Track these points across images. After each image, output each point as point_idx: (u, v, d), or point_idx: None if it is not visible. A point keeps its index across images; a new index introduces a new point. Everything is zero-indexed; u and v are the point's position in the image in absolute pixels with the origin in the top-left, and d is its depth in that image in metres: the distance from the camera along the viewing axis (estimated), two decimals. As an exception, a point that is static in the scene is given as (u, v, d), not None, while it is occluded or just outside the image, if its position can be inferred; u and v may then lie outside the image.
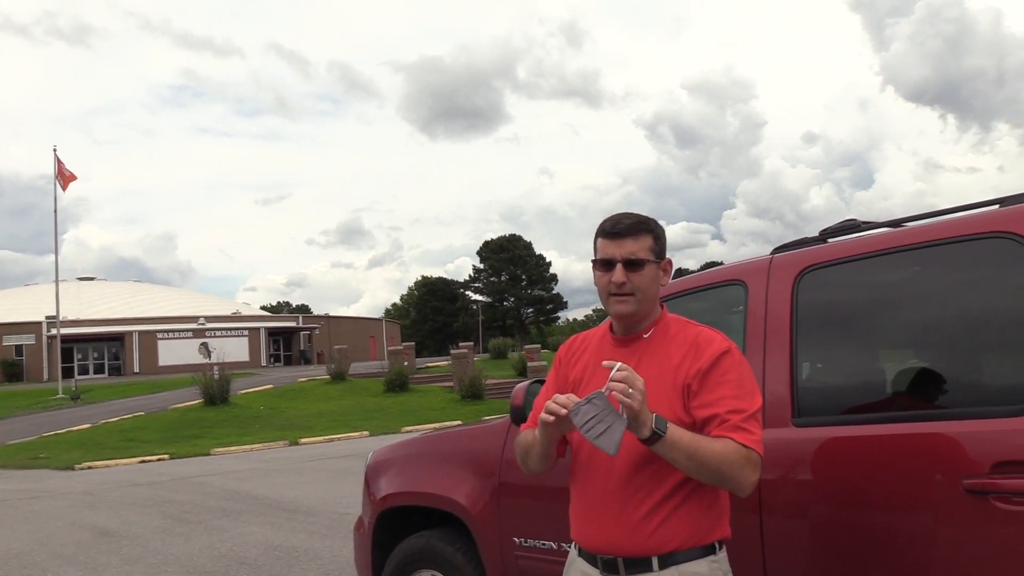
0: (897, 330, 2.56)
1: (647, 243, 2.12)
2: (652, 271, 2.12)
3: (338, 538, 7.39)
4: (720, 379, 2.02)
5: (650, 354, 2.11)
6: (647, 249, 2.11)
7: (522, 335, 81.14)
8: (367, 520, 3.95)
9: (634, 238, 2.10)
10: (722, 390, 2.01)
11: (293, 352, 62.96)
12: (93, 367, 53.49)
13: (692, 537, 2.02)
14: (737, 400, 2.00)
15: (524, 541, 3.16)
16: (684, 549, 2.01)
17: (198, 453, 16.97)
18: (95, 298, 60.34)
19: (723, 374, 2.02)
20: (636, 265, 2.09)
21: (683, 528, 2.00)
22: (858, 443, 2.36)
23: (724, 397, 2.00)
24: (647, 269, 2.10)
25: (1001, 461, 2.08)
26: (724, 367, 2.03)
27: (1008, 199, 2.40)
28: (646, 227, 2.13)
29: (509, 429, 3.31)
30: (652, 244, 2.13)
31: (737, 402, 2.00)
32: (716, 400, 2.00)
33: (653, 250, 2.13)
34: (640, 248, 2.10)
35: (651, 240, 2.13)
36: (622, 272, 2.08)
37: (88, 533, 8.38)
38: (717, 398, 2.00)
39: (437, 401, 25.73)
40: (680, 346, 2.09)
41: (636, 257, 2.09)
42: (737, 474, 1.96)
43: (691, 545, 2.02)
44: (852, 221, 2.79)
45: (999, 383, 2.35)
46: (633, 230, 2.11)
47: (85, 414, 25.79)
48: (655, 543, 2.00)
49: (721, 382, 2.01)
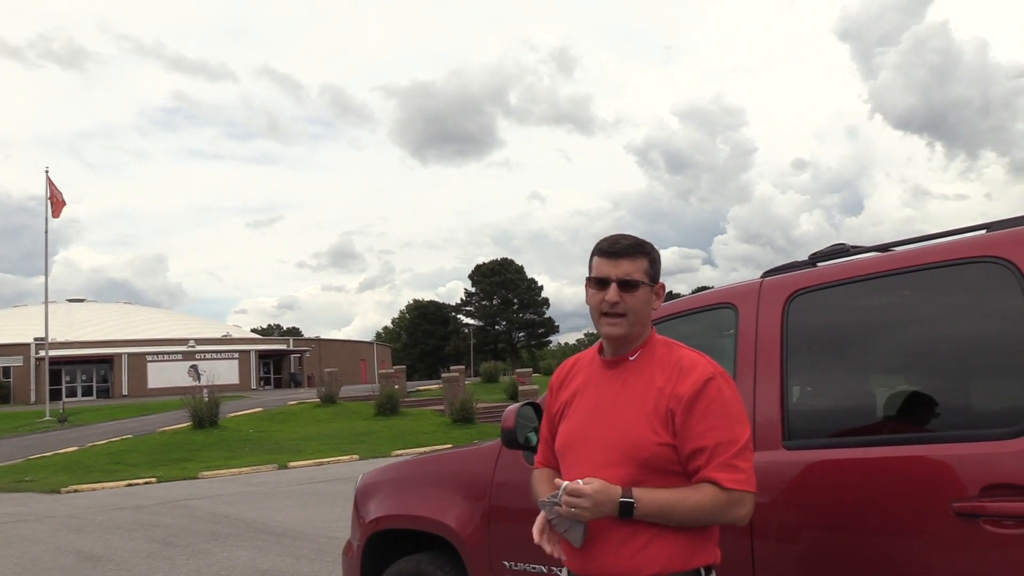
0: (886, 353, 2.57)
1: (643, 265, 2.12)
2: (645, 293, 2.12)
3: (326, 562, 7.31)
4: (707, 408, 2.00)
5: (635, 376, 2.11)
6: (642, 271, 2.12)
7: (514, 359, 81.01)
8: (356, 543, 3.92)
9: (631, 259, 2.11)
10: (709, 420, 1.99)
11: (283, 375, 62.63)
12: (81, 389, 53.07)
13: (675, 561, 2.00)
14: (725, 431, 1.99)
15: (514, 565, 3.14)
16: (669, 573, 2.00)
17: (186, 476, 16.81)
18: (84, 320, 59.99)
19: (709, 403, 2.01)
20: (631, 286, 2.09)
21: (665, 552, 1.99)
22: (848, 466, 2.37)
23: (712, 428, 1.99)
24: (641, 291, 2.11)
25: (990, 484, 2.08)
26: (710, 395, 2.01)
27: (995, 224, 2.43)
28: (643, 250, 2.14)
29: (500, 452, 3.30)
30: (647, 267, 2.13)
31: (725, 433, 1.99)
32: (704, 432, 1.99)
33: (648, 273, 2.13)
34: (636, 270, 2.11)
35: (647, 263, 2.13)
36: (616, 292, 2.09)
37: (73, 557, 8.28)
38: (705, 429, 1.99)
39: (428, 425, 25.61)
40: (664, 369, 2.08)
41: (631, 278, 2.10)
42: (721, 517, 1.99)
43: (675, 569, 2.00)
44: (841, 245, 2.82)
45: (988, 406, 2.37)
46: (630, 251, 2.12)
47: (72, 437, 25.54)
48: (639, 566, 1.99)
49: (708, 412, 2.00)
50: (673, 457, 2.02)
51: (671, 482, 2.02)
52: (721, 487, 1.95)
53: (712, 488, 1.96)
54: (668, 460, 2.02)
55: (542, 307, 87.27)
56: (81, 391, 52.92)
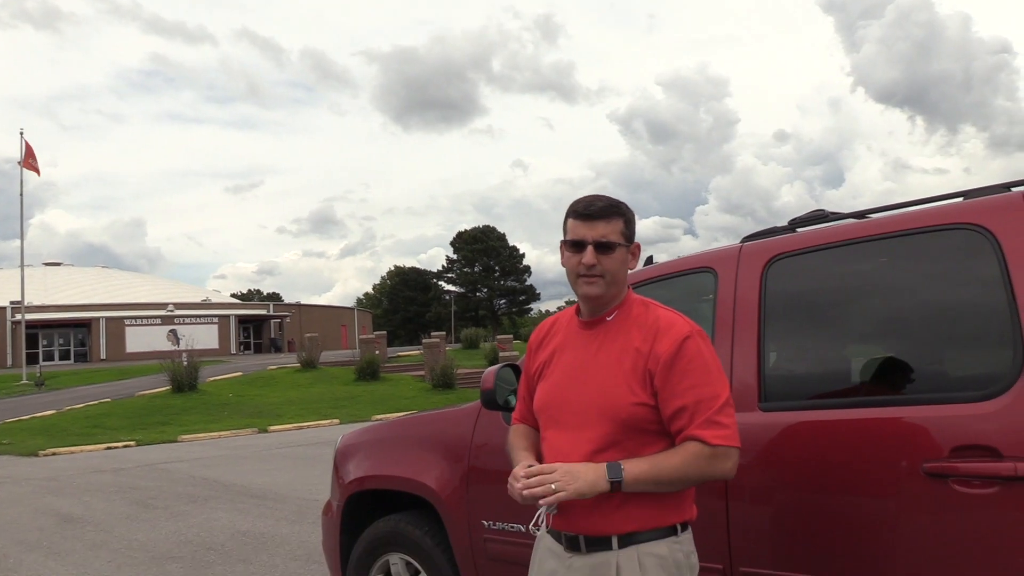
0: (863, 318, 2.60)
1: (618, 226, 2.12)
2: (622, 255, 2.13)
3: (306, 524, 7.36)
4: (686, 367, 2.01)
5: (612, 336, 2.13)
6: (618, 232, 2.12)
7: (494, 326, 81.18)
8: (336, 504, 3.95)
9: (606, 221, 2.11)
10: (689, 378, 2.01)
11: (263, 340, 62.47)
12: (59, 353, 52.68)
13: (653, 518, 2.04)
14: (706, 388, 2.01)
15: (493, 524, 3.17)
16: (645, 530, 2.03)
17: (165, 440, 16.79)
18: (61, 284, 59.40)
19: (689, 361, 2.02)
20: (607, 248, 2.10)
21: (640, 510, 2.02)
22: (822, 427, 2.41)
23: (692, 386, 2.00)
24: (617, 252, 2.11)
25: (960, 445, 2.13)
26: (689, 354, 2.02)
27: (972, 192, 2.45)
28: (618, 210, 2.14)
29: (479, 413, 3.32)
30: (623, 228, 2.13)
31: (706, 390, 2.00)
32: (684, 390, 2.00)
33: (624, 234, 2.13)
34: (612, 231, 2.11)
35: (622, 224, 2.13)
36: (593, 254, 2.09)
37: (52, 519, 8.28)
38: (685, 387, 2.00)
39: (408, 390, 25.67)
40: (641, 329, 2.09)
41: (607, 240, 2.10)
42: (708, 474, 2.01)
43: (652, 526, 2.03)
44: (821, 211, 2.83)
45: (961, 371, 2.41)
46: (605, 213, 2.11)
47: (50, 400, 25.39)
48: (615, 523, 2.03)
49: (687, 370, 2.01)
50: (651, 417, 2.04)
51: (648, 440, 2.05)
52: (706, 444, 1.97)
53: (696, 445, 1.98)
54: (646, 420, 2.04)
55: (523, 275, 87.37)
56: (59, 355, 52.52)
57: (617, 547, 2.03)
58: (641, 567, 2.01)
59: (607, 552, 2.03)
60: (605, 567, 2.03)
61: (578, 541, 2.07)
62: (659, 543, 2.03)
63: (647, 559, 2.02)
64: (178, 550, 6.65)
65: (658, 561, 2.02)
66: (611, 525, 2.03)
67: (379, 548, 3.67)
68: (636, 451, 2.03)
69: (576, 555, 2.08)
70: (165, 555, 6.50)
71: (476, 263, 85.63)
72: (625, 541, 2.03)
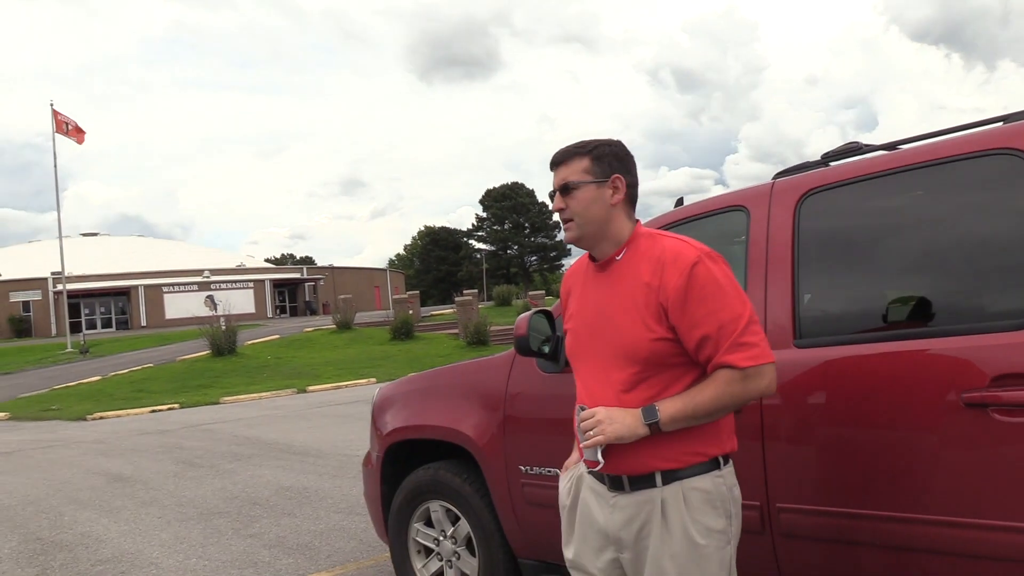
0: (899, 251, 2.55)
1: (581, 165, 2.12)
2: (589, 192, 2.11)
3: (347, 478, 7.51)
4: (700, 293, 1.98)
5: (623, 276, 2.11)
6: (581, 171, 2.12)
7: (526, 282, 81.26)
8: (375, 455, 4.01)
9: (566, 164, 2.15)
10: (706, 304, 1.97)
11: (298, 303, 63.16)
12: (100, 321, 53.77)
13: (694, 452, 2.04)
14: (726, 311, 1.97)
15: (530, 469, 3.21)
16: (687, 466, 2.04)
17: (207, 402, 17.15)
18: (99, 253, 60.38)
19: (702, 288, 1.98)
20: (567, 189, 2.12)
21: (681, 445, 2.02)
22: (859, 362, 2.38)
23: (711, 312, 1.97)
24: (582, 191, 2.11)
25: (1000, 375, 2.10)
26: (700, 280, 1.98)
27: (1012, 116, 2.38)
28: (580, 150, 2.14)
29: (514, 361, 3.34)
30: (588, 165, 2.12)
31: (726, 313, 1.97)
32: (703, 316, 1.97)
33: (590, 171, 2.12)
34: (572, 172, 2.13)
35: (587, 162, 2.12)
36: (559, 199, 2.14)
37: (102, 479, 8.53)
38: (704, 314, 1.97)
39: (443, 348, 25.89)
40: (649, 262, 2.06)
41: (567, 181, 2.12)
42: (745, 397, 2.00)
43: (693, 461, 2.04)
44: (855, 144, 2.77)
45: (1000, 302, 2.36)
46: (565, 156, 2.15)
47: (94, 367, 26.02)
48: (656, 459, 2.03)
49: (703, 297, 1.98)
50: (673, 350, 2.03)
51: (677, 374, 2.04)
52: (736, 368, 1.96)
53: (727, 372, 1.97)
54: (668, 354, 2.03)
55: (553, 230, 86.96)
56: (100, 323, 53.63)
57: (661, 483, 2.04)
58: (686, 502, 2.02)
59: (651, 489, 2.04)
60: (650, 504, 2.04)
61: (621, 481, 2.08)
62: (703, 478, 2.04)
63: (692, 494, 2.03)
64: (224, 505, 6.83)
65: (703, 496, 2.03)
66: (652, 461, 2.03)
67: (419, 496, 3.74)
68: (666, 386, 2.03)
69: (620, 494, 2.09)
70: (212, 510, 6.68)
71: (506, 220, 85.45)
72: (668, 477, 2.03)
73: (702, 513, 2.02)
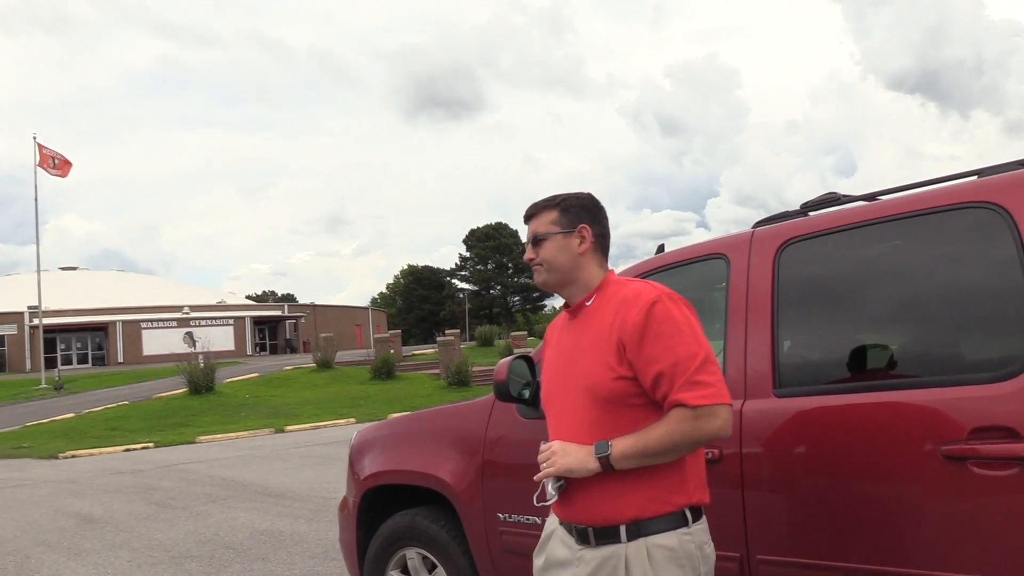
0: (877, 302, 2.57)
1: (550, 217, 2.25)
2: (556, 242, 2.22)
3: (324, 522, 7.38)
4: (657, 331, 1.99)
5: (591, 320, 2.16)
6: (548, 223, 2.24)
7: (509, 323, 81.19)
8: (352, 500, 3.95)
9: (536, 218, 2.28)
10: (661, 342, 1.98)
11: (279, 341, 62.72)
12: (77, 357, 53.09)
13: (654, 502, 2.01)
14: (680, 348, 1.98)
15: (508, 517, 3.17)
16: (648, 517, 2.00)
17: (183, 441, 16.88)
18: (78, 288, 59.82)
19: (659, 325, 2.00)
20: (537, 241, 2.25)
21: (643, 491, 2.01)
22: (838, 412, 2.38)
23: (667, 349, 1.98)
24: (550, 240, 2.23)
25: (978, 427, 2.10)
26: (658, 317, 2.00)
27: (986, 170, 2.42)
28: (549, 204, 2.27)
29: (493, 406, 3.31)
30: (556, 216, 2.24)
31: (681, 350, 1.97)
32: (659, 354, 1.98)
33: (557, 222, 2.23)
34: (541, 224, 2.25)
35: (555, 213, 2.24)
36: (531, 250, 2.26)
37: (72, 520, 8.34)
38: (659, 352, 1.98)
39: (424, 388, 25.71)
40: (613, 305, 2.12)
41: (536, 233, 2.25)
42: (697, 438, 1.97)
43: (654, 512, 2.01)
44: (833, 194, 2.80)
45: (977, 353, 2.37)
46: (536, 210, 2.29)
47: (69, 404, 25.60)
48: (618, 509, 2.02)
49: (659, 334, 1.99)
50: (632, 390, 2.03)
51: (639, 416, 2.03)
52: (687, 406, 1.95)
53: (678, 410, 1.96)
54: (628, 393, 2.04)
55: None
56: (76, 359, 52.94)
57: (626, 539, 2.01)
58: (651, 560, 1.99)
59: (616, 545, 2.02)
60: (614, 560, 2.02)
61: (587, 534, 2.07)
62: (668, 535, 2.01)
63: (656, 551, 1.99)
64: (197, 549, 6.69)
65: (668, 554, 2.00)
66: (615, 511, 2.02)
67: (396, 542, 3.67)
68: (627, 427, 2.02)
69: (586, 548, 2.08)
70: (184, 554, 6.54)
71: (489, 260, 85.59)
72: (633, 532, 2.01)
73: (666, 571, 1.99)
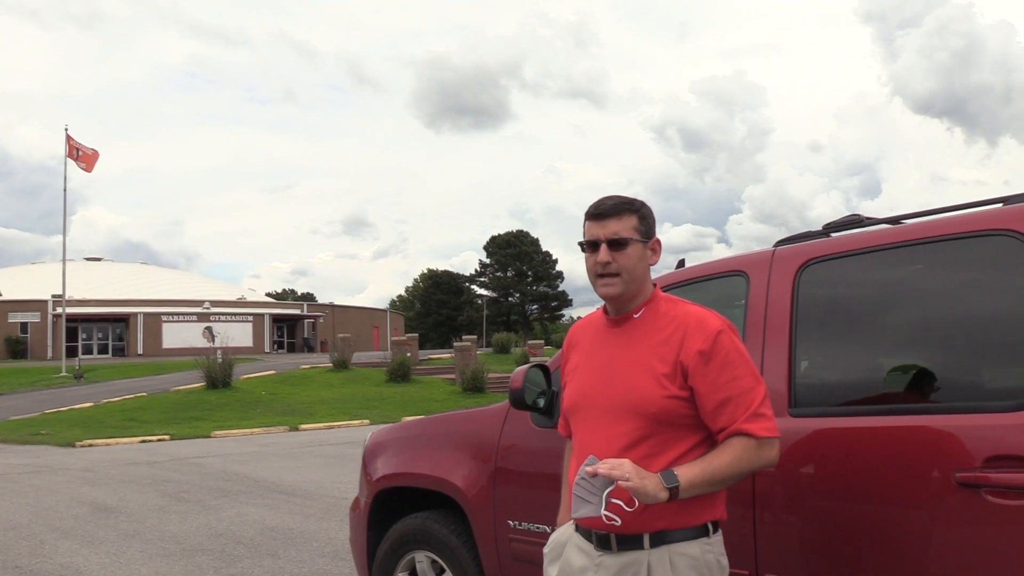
0: (896, 325, 2.56)
1: (631, 222, 2.13)
2: (638, 250, 2.13)
3: (334, 521, 7.42)
4: (724, 360, 2.03)
5: (640, 333, 2.14)
6: (631, 228, 2.12)
7: (526, 331, 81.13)
8: (363, 500, 3.97)
9: (617, 218, 2.12)
10: (728, 371, 2.03)
11: (297, 339, 63.05)
12: (97, 347, 53.63)
13: (682, 516, 2.03)
14: (745, 379, 2.03)
15: (519, 524, 3.17)
16: (675, 528, 2.02)
17: (198, 435, 17.03)
18: (101, 278, 60.47)
19: (725, 355, 2.04)
20: (620, 245, 2.11)
21: (672, 506, 2.00)
22: (852, 434, 2.37)
23: (734, 379, 2.02)
24: (631, 248, 2.12)
25: (993, 455, 2.09)
26: (724, 347, 2.04)
27: (1011, 198, 2.41)
28: (630, 207, 2.14)
29: (508, 414, 3.32)
30: (637, 223, 2.14)
31: (747, 381, 2.03)
32: (726, 383, 2.02)
33: (638, 229, 2.14)
34: (623, 227, 2.12)
35: (635, 219, 2.14)
36: (606, 252, 2.10)
37: (86, 508, 8.44)
38: (727, 380, 2.02)
39: (438, 392, 25.77)
40: (670, 323, 2.10)
41: (619, 236, 2.11)
42: (756, 466, 2.05)
43: (681, 524, 2.03)
44: (856, 216, 2.80)
45: (995, 380, 2.36)
46: (616, 210, 2.13)
47: (88, 393, 25.88)
48: (645, 520, 2.02)
49: (726, 363, 2.03)
50: (683, 410, 2.05)
51: (681, 435, 2.05)
52: (754, 437, 2.00)
53: (744, 440, 2.01)
54: (677, 413, 2.04)
55: (556, 280, 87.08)
56: (97, 349, 53.48)
57: (648, 546, 2.02)
58: (672, 567, 2.01)
59: (638, 551, 2.03)
60: (636, 566, 2.02)
61: (609, 539, 2.06)
62: (691, 543, 2.03)
63: (679, 559, 2.01)
64: (208, 543, 6.74)
65: (690, 562, 2.02)
66: (642, 522, 2.02)
67: (405, 545, 3.69)
68: (667, 445, 2.04)
69: (606, 554, 2.07)
70: (195, 547, 6.59)
71: (509, 268, 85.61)
72: (656, 540, 2.02)
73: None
